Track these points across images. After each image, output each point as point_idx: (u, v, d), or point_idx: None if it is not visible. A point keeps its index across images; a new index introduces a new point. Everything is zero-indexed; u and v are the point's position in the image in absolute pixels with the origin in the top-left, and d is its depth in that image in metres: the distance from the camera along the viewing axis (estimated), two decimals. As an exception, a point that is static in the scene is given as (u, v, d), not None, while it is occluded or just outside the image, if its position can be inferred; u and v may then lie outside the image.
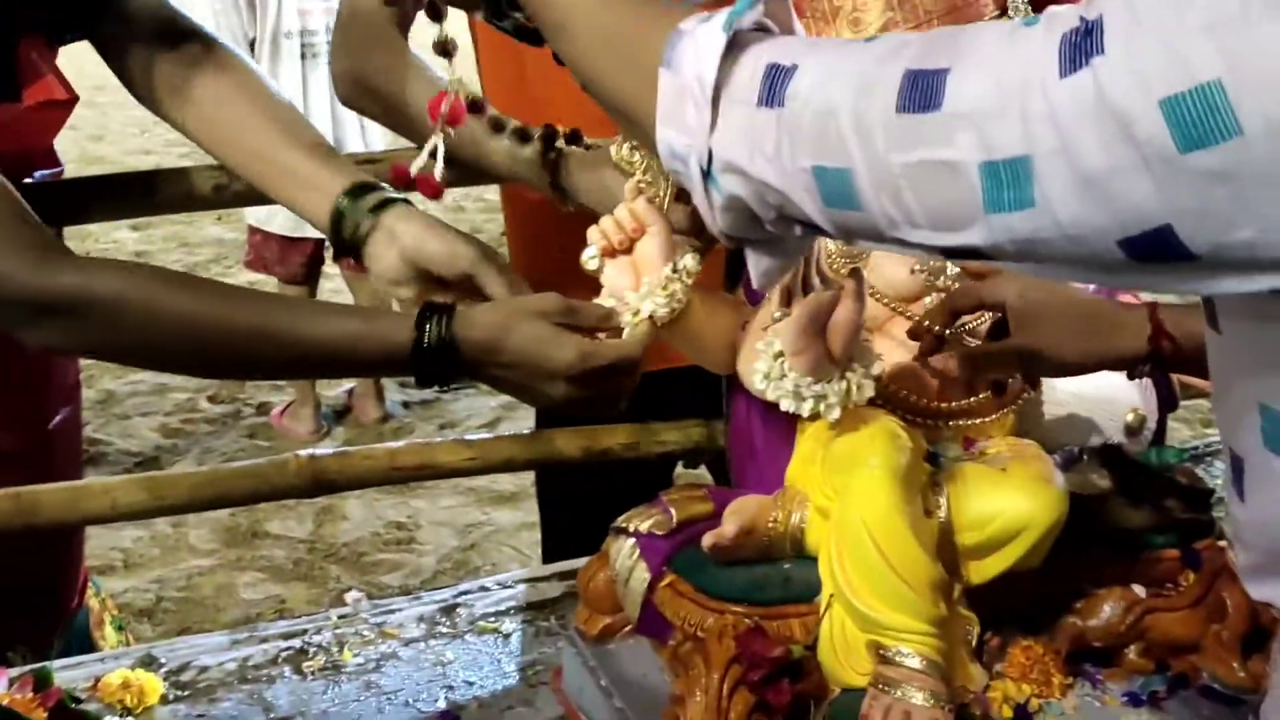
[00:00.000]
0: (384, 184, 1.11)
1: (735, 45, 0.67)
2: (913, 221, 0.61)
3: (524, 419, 3.67)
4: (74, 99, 1.20)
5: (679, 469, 1.74)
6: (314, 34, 3.10)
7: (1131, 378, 1.00)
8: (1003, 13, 0.99)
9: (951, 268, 1.03)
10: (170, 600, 2.67)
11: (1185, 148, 0.51)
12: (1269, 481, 0.65)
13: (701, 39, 0.68)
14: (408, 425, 3.58)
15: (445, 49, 1.02)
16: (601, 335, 1.00)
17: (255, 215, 3.27)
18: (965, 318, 1.03)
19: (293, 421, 3.50)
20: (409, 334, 0.97)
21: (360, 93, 1.26)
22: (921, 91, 0.59)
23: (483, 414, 3.65)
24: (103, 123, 6.85)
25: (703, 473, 1.74)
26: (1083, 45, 0.54)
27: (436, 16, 1.02)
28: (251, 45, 3.08)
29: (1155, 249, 0.54)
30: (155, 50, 1.16)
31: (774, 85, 0.65)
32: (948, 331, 1.01)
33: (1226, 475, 0.71)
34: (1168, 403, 1.17)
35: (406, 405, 3.71)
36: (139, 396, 3.73)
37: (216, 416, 3.63)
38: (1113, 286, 0.60)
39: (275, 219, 3.24)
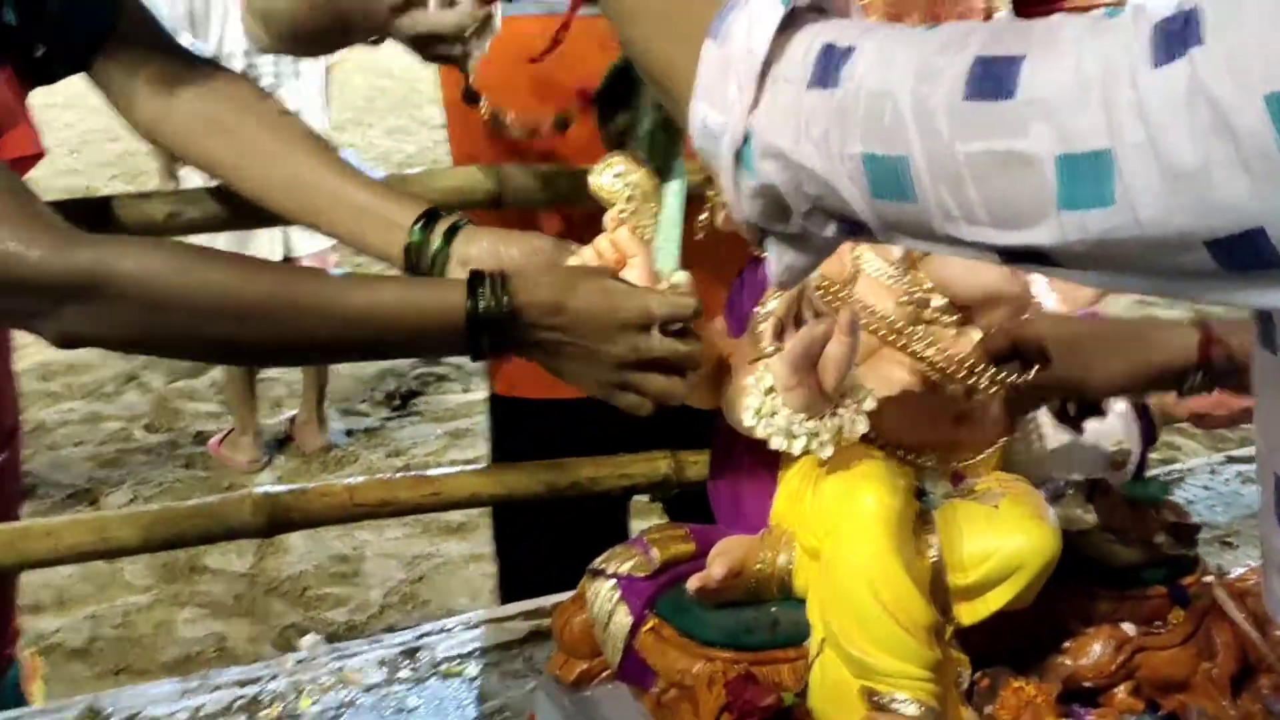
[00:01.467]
0: (445, 210, 1.11)
1: (790, 23, 0.64)
2: (972, 216, 0.57)
3: (471, 446, 3.63)
4: (42, 154, 1.17)
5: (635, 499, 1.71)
6: (258, 56, 3.05)
7: (1182, 394, 0.99)
8: (987, 19, 0.98)
9: (938, 299, 1.01)
10: (105, 639, 2.57)
11: None
12: None
13: (756, 11, 0.64)
14: (351, 454, 3.50)
15: None
16: None
17: (225, 239, 3.18)
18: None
19: (232, 451, 3.41)
20: (462, 295, 0.92)
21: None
22: (993, 78, 0.55)
23: (429, 442, 3.58)
24: (31, 143, 6.70)
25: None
26: (1179, 34, 0.51)
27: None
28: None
29: (1244, 253, 0.51)
30: (168, 85, 1.13)
31: (829, 66, 0.61)
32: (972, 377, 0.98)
33: (1266, 499, 0.69)
34: (1149, 435, 1.16)
35: (350, 434, 3.64)
36: (70, 426, 3.61)
37: (152, 446, 3.52)
38: (1182, 298, 0.56)
39: (217, 242, 3.16)
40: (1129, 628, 1.01)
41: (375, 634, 1.93)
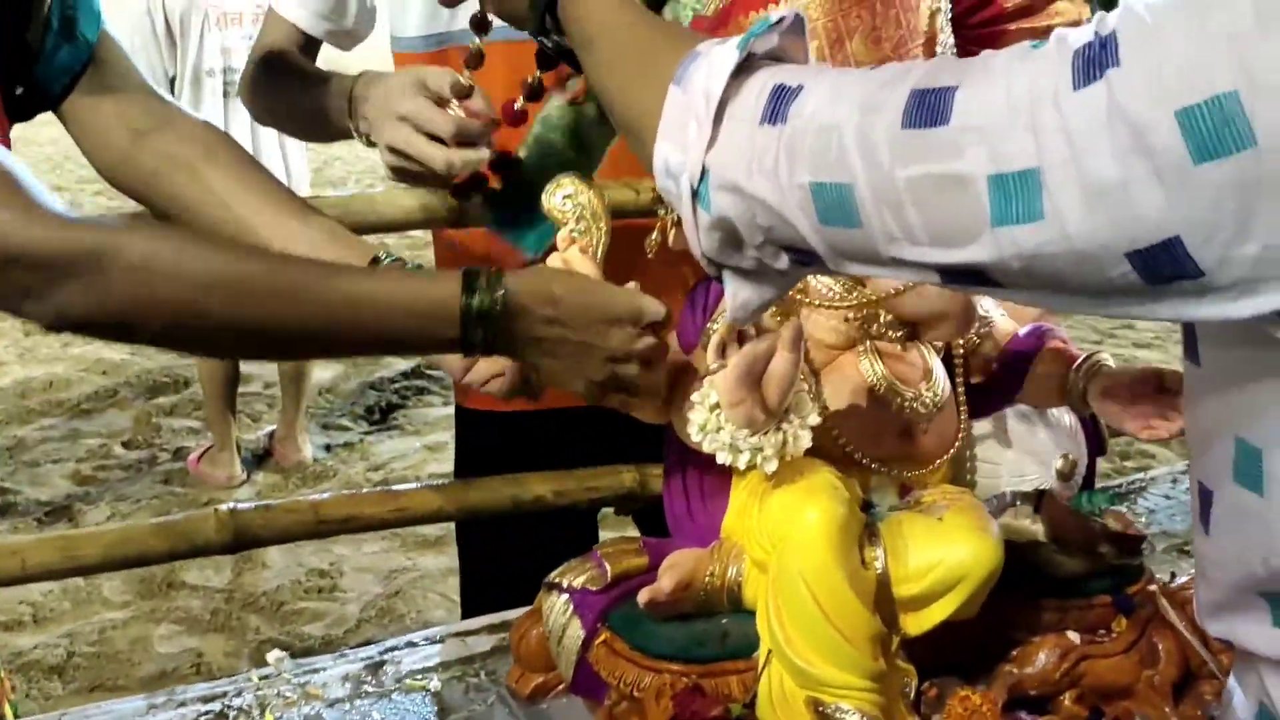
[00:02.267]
0: (392, 253, 1.11)
1: (746, 68, 0.68)
2: (913, 238, 0.61)
3: (450, 459, 3.61)
4: None
5: (603, 512, 1.72)
6: (236, 72, 3.06)
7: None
8: (929, 42, 1.00)
9: (885, 315, 1.03)
10: (82, 656, 2.57)
11: (1199, 158, 0.51)
12: (1237, 516, 0.65)
13: (715, 59, 0.69)
14: (330, 469, 3.50)
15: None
16: None
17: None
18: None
19: (211, 467, 3.41)
20: (458, 288, 0.91)
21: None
22: (929, 108, 0.59)
23: (408, 455, 3.59)
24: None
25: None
26: (1097, 58, 0.54)
27: (482, 29, 1.09)
28: (171, 83, 3.02)
29: (1163, 263, 0.54)
30: (136, 126, 1.14)
31: (778, 103, 0.66)
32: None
33: (1193, 507, 0.71)
34: (1096, 447, 1.18)
35: (329, 448, 3.64)
36: (50, 443, 3.61)
37: (131, 462, 3.52)
38: (1112, 315, 0.59)
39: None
40: (1074, 636, 1.03)
41: (348, 648, 1.93)
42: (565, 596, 1.03)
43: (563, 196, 1.01)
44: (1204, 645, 1.03)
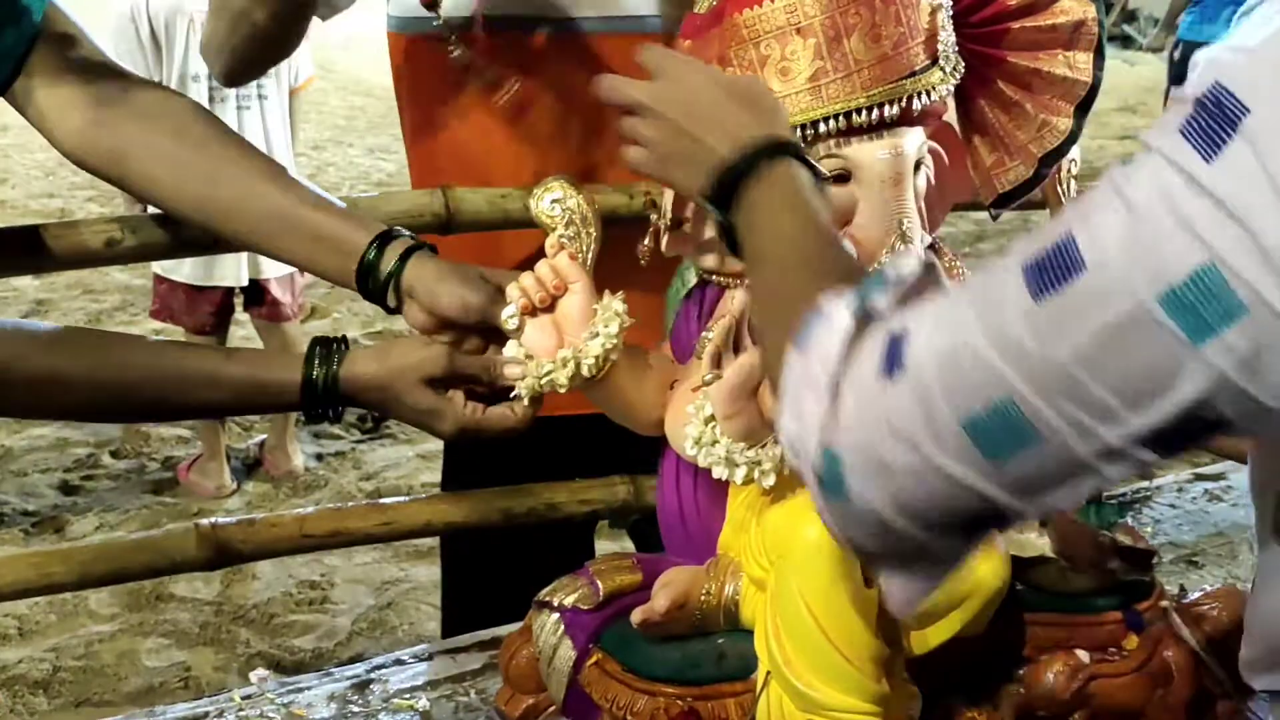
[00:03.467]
0: (402, 231, 1.09)
1: (863, 325, 0.61)
2: (1107, 415, 0.52)
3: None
4: None
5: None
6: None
7: None
8: (934, 61, 0.97)
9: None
10: (68, 670, 2.53)
11: None
12: (1274, 570, 0.62)
13: (835, 318, 0.61)
14: (321, 478, 3.47)
15: None
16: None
17: (162, 264, 3.16)
18: None
19: (200, 476, 3.38)
20: (297, 386, 1.01)
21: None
22: (1054, 269, 0.52)
23: (401, 464, 3.55)
24: (6, 166, 6.64)
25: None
26: (1218, 118, 0.49)
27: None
28: (156, 89, 3.00)
29: None
30: (97, 105, 1.08)
31: (894, 352, 0.58)
32: None
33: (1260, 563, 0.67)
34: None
35: (320, 457, 3.61)
36: (38, 453, 3.57)
37: (120, 472, 3.48)
38: None
39: (182, 268, 3.14)
40: (1083, 654, 1.00)
41: (340, 662, 1.89)
42: (556, 615, 1.00)
43: (551, 200, 0.98)
44: (1219, 664, 1.00)
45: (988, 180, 1.05)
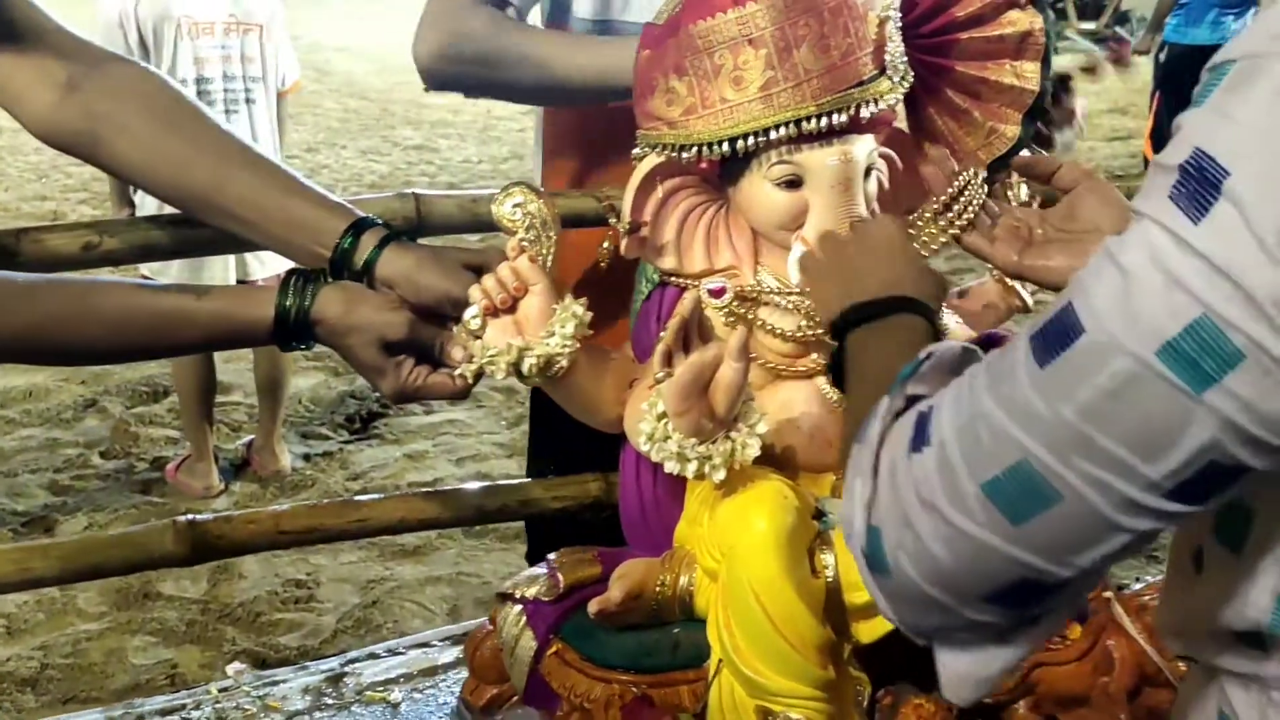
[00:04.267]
0: (376, 219, 1.10)
1: (905, 408, 0.64)
2: (1120, 466, 0.54)
3: (430, 468, 3.63)
4: None
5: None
6: (209, 81, 3.05)
7: None
8: (881, 71, 1.00)
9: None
10: (56, 668, 2.55)
11: None
12: (1206, 565, 0.65)
13: (880, 408, 0.65)
14: (309, 478, 3.49)
15: None
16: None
17: (148, 266, 3.18)
18: None
19: (188, 476, 3.39)
20: (269, 322, 1.03)
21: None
22: (1055, 336, 0.55)
23: (388, 465, 3.57)
24: (-2, 168, 6.68)
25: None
26: (1201, 181, 0.52)
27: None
28: (145, 94, 3.02)
29: None
30: (64, 83, 1.07)
31: (920, 430, 0.61)
32: None
33: (1179, 544, 0.70)
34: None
35: (308, 458, 3.62)
36: (27, 453, 3.58)
37: (109, 472, 3.50)
38: None
39: (170, 270, 3.16)
40: (1028, 644, 1.02)
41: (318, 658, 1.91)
42: (519, 608, 1.03)
43: (513, 205, 1.01)
44: (1159, 652, 1.03)
45: (939, 184, 1.08)
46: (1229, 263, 0.51)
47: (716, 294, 1.00)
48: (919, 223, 1.02)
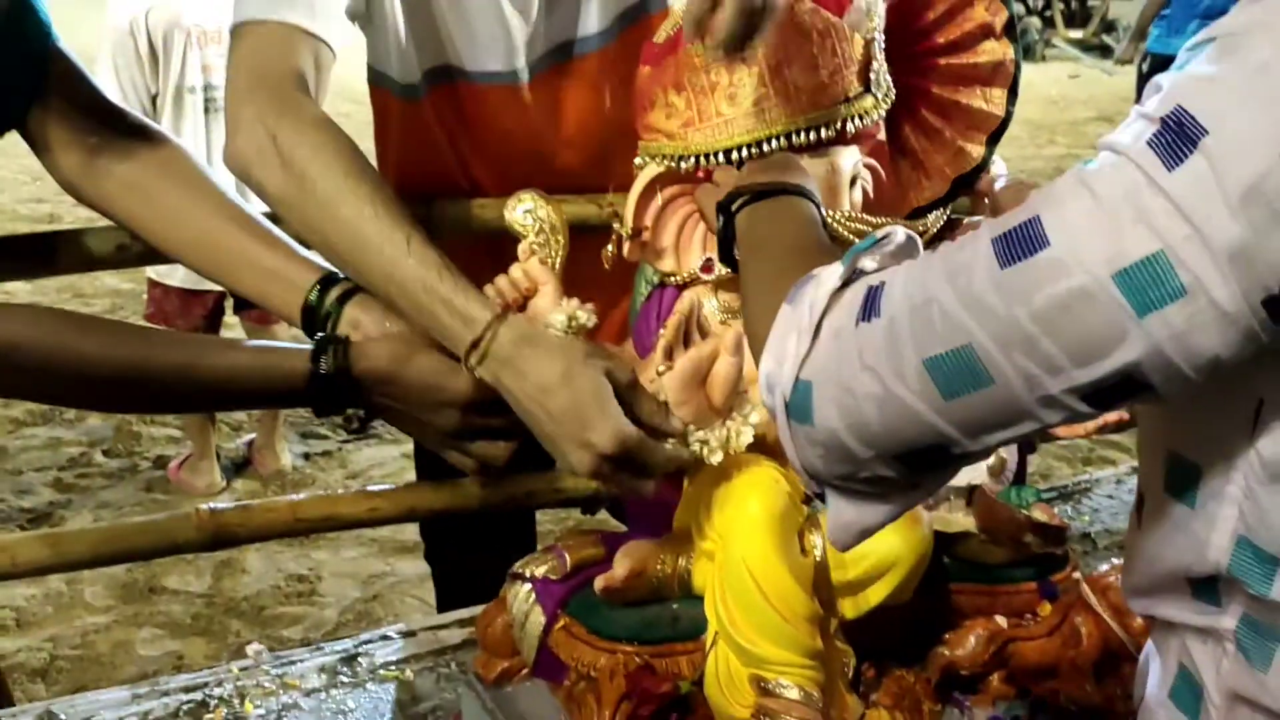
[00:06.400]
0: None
1: (850, 280, 0.70)
2: (1054, 367, 0.61)
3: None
4: None
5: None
6: (217, 89, 3.11)
7: None
8: (866, 88, 1.07)
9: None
10: (65, 659, 2.62)
11: None
12: (1162, 520, 0.72)
13: (824, 276, 0.71)
14: (309, 477, 3.56)
15: None
16: None
17: (155, 269, 3.25)
18: None
19: (191, 475, 3.46)
20: (305, 366, 1.05)
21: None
22: (1020, 242, 0.61)
23: (386, 464, 3.64)
24: (-7, 170, 6.72)
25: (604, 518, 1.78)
26: (1179, 135, 0.58)
27: None
28: (154, 100, 3.08)
29: None
30: (93, 145, 1.18)
31: (871, 301, 0.67)
32: None
33: (1136, 503, 0.78)
34: (1027, 445, 1.26)
35: (308, 457, 3.70)
36: (31, 451, 3.65)
37: (112, 470, 3.57)
38: (1258, 385, 0.63)
39: (176, 273, 3.22)
40: (1002, 620, 1.10)
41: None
42: (528, 586, 1.10)
43: (523, 211, 1.08)
44: (1123, 629, 1.11)
45: (905, 195, 1.16)
46: (1194, 210, 0.57)
47: (706, 269, 1.08)
48: None
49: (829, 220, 1.01)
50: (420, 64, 1.35)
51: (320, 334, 1.12)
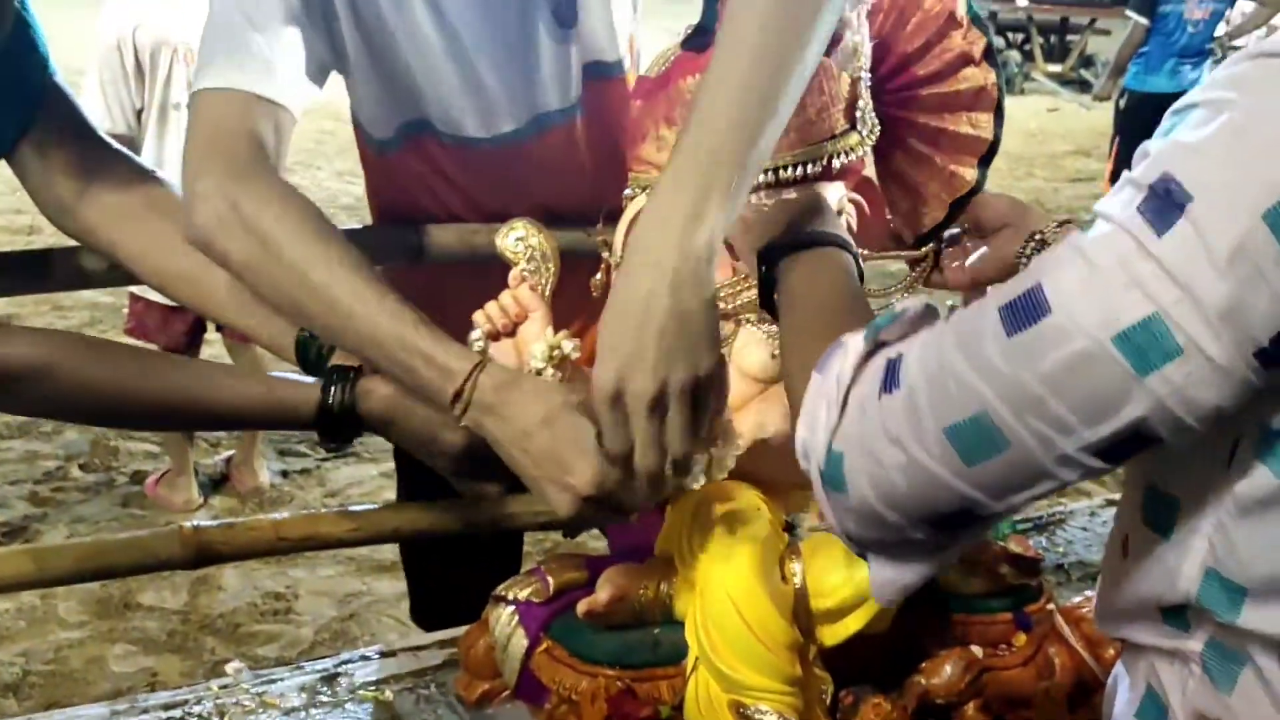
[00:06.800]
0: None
1: (875, 352, 0.74)
2: (1066, 428, 0.64)
3: (406, 488, 3.70)
4: None
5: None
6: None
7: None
8: (852, 125, 1.10)
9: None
10: (37, 674, 2.60)
11: None
12: (1138, 550, 0.75)
13: (850, 346, 0.74)
14: (287, 494, 3.55)
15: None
16: None
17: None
18: None
19: (169, 491, 3.45)
20: (314, 400, 1.12)
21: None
22: (1024, 310, 0.64)
23: (364, 483, 3.64)
24: (-28, 181, 6.68)
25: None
26: (1165, 203, 0.61)
27: None
28: (139, 115, 3.08)
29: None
30: (82, 175, 1.20)
31: (891, 374, 0.71)
32: None
33: (1111, 533, 0.81)
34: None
35: (286, 474, 3.69)
36: (7, 465, 3.63)
37: (89, 485, 3.55)
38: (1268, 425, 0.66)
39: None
40: (977, 650, 1.12)
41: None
42: (511, 608, 1.11)
43: (515, 238, 1.10)
44: (1096, 660, 1.13)
45: (908, 223, 1.18)
46: (1183, 273, 0.60)
47: None
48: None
49: None
50: (395, 118, 1.37)
51: (329, 365, 1.16)
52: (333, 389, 1.11)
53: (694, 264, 0.89)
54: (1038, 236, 1.10)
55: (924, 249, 1.17)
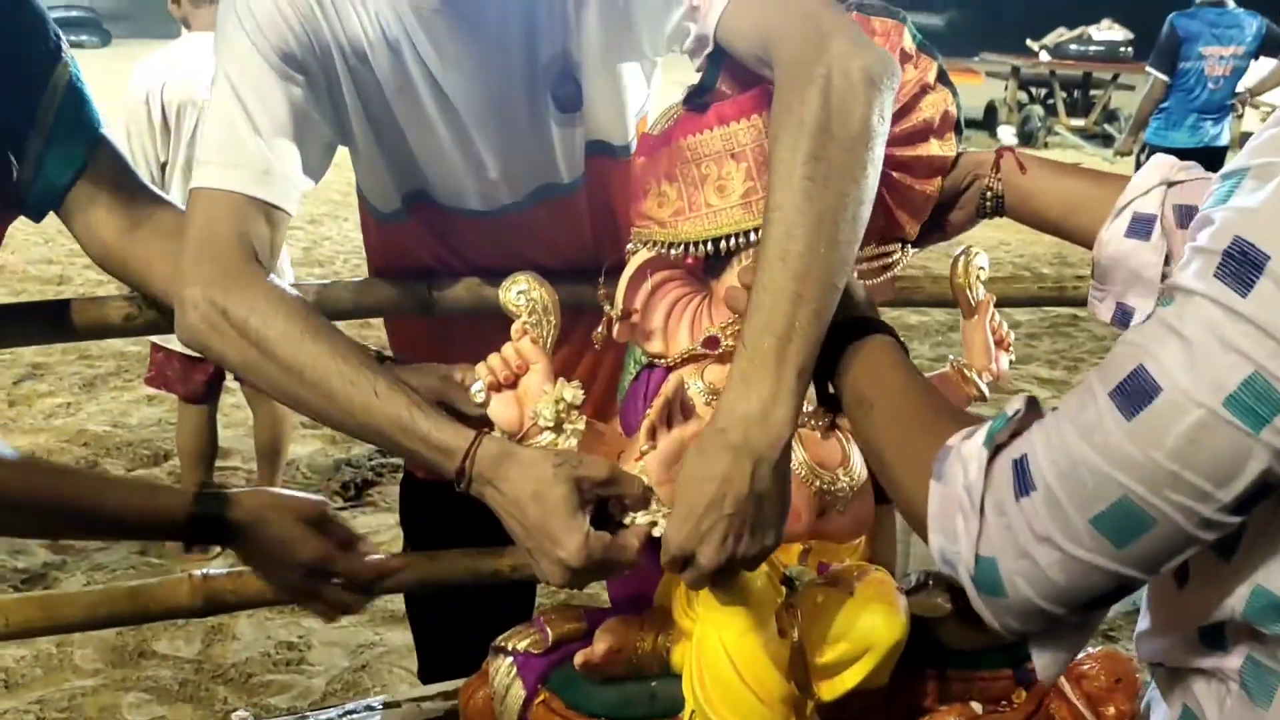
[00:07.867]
0: (382, 350, 1.23)
1: (994, 455, 0.76)
2: (1204, 495, 0.67)
3: (422, 538, 3.71)
4: None
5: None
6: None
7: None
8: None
9: (807, 405, 1.13)
10: (51, 722, 2.61)
11: None
12: (1198, 574, 0.77)
13: (966, 455, 0.77)
14: (304, 543, 3.56)
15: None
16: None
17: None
18: None
19: (186, 539, 3.46)
20: (185, 514, 1.17)
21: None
22: (1136, 393, 0.68)
23: (383, 532, 3.65)
24: (5, 231, 6.79)
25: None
26: (1243, 263, 0.65)
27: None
28: (163, 168, 3.14)
29: None
30: (127, 220, 1.27)
31: (1021, 476, 0.73)
32: None
33: None
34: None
35: (304, 523, 3.70)
36: (28, 511, 3.66)
37: (108, 533, 3.58)
38: None
39: (179, 337, 3.25)
40: (977, 706, 1.11)
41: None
42: (510, 660, 1.12)
43: (517, 292, 1.12)
44: (1096, 718, 1.12)
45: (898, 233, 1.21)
46: (1273, 326, 0.64)
47: (711, 345, 1.11)
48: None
49: None
50: (398, 191, 1.41)
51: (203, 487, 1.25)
52: (206, 500, 1.18)
53: (773, 447, 0.95)
54: (979, 178, 1.19)
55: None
